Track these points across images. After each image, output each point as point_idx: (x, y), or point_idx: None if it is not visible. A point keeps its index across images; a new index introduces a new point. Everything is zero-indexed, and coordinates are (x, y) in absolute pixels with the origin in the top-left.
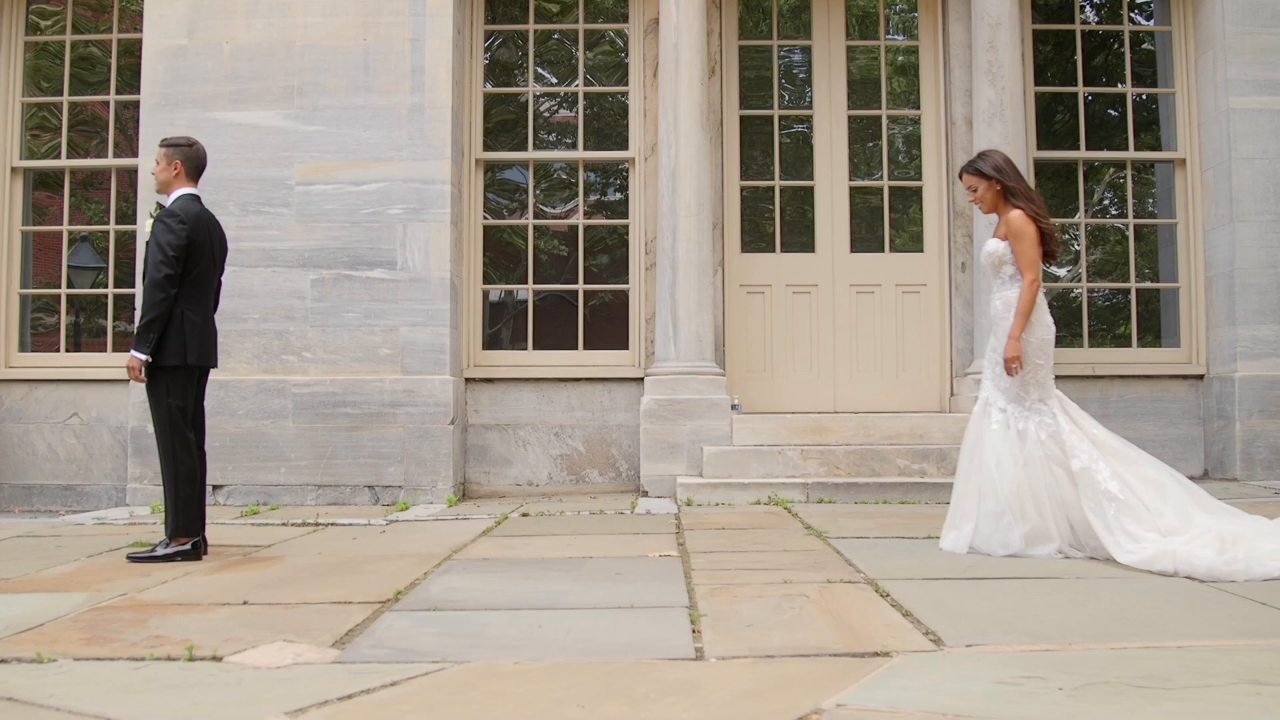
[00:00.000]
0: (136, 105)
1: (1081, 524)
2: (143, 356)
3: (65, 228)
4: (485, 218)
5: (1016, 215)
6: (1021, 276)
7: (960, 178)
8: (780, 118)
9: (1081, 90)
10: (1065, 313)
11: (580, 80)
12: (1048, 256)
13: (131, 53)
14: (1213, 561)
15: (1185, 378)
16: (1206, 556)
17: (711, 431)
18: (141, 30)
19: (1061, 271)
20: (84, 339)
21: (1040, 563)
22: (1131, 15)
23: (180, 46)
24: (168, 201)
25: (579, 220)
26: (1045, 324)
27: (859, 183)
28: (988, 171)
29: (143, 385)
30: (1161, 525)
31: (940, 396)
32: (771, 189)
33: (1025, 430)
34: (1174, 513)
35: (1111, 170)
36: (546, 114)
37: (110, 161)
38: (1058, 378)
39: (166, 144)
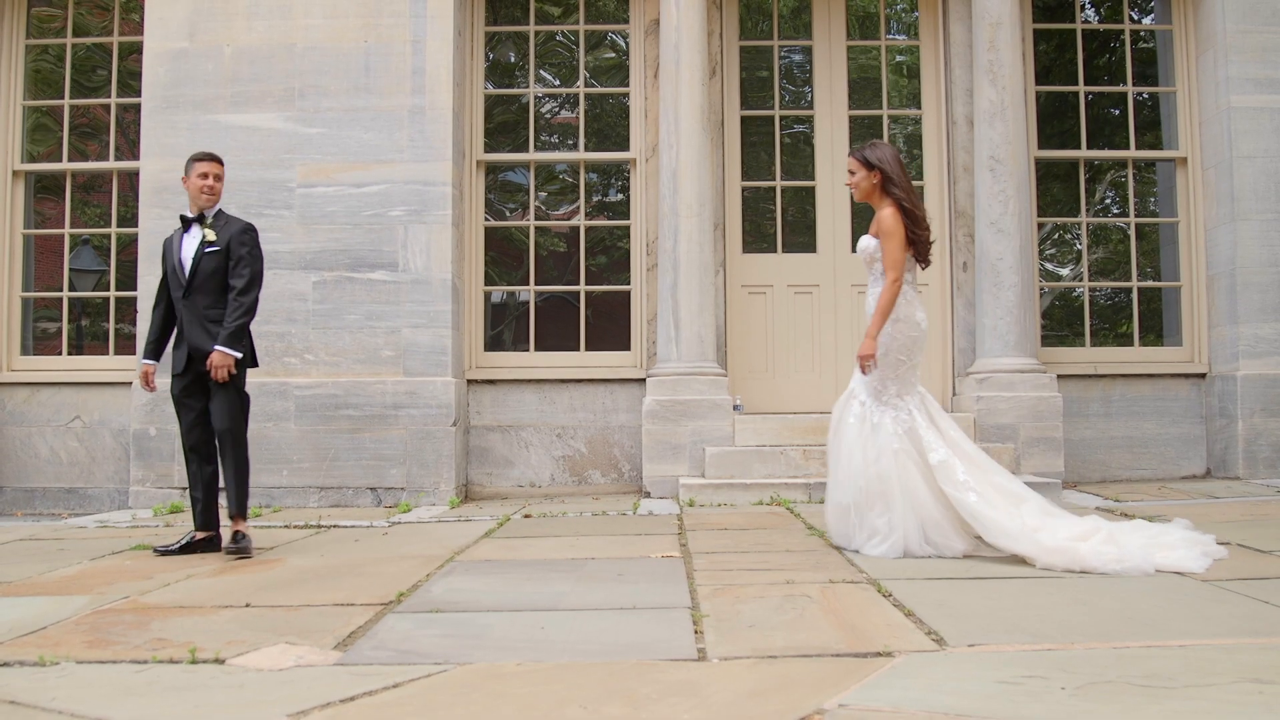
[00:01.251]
0: (137, 108)
1: (931, 522)
2: (237, 354)
3: (67, 231)
4: (487, 219)
5: (888, 214)
6: (886, 274)
7: (848, 157)
8: (781, 118)
9: (1082, 89)
10: (1067, 312)
11: (581, 81)
12: (919, 259)
13: (133, 55)
14: (1106, 556)
15: (1187, 377)
16: (1108, 552)
17: (713, 432)
18: (142, 33)
19: (1064, 271)
20: (86, 342)
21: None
22: (1132, 14)
23: (181, 49)
24: (211, 212)
25: (580, 221)
26: (914, 322)
27: None
28: (871, 160)
29: (152, 384)
30: (1028, 524)
31: (942, 396)
32: (773, 189)
33: (880, 424)
34: (1033, 518)
35: (1113, 169)
36: (548, 115)
37: (111, 164)
38: (1060, 377)
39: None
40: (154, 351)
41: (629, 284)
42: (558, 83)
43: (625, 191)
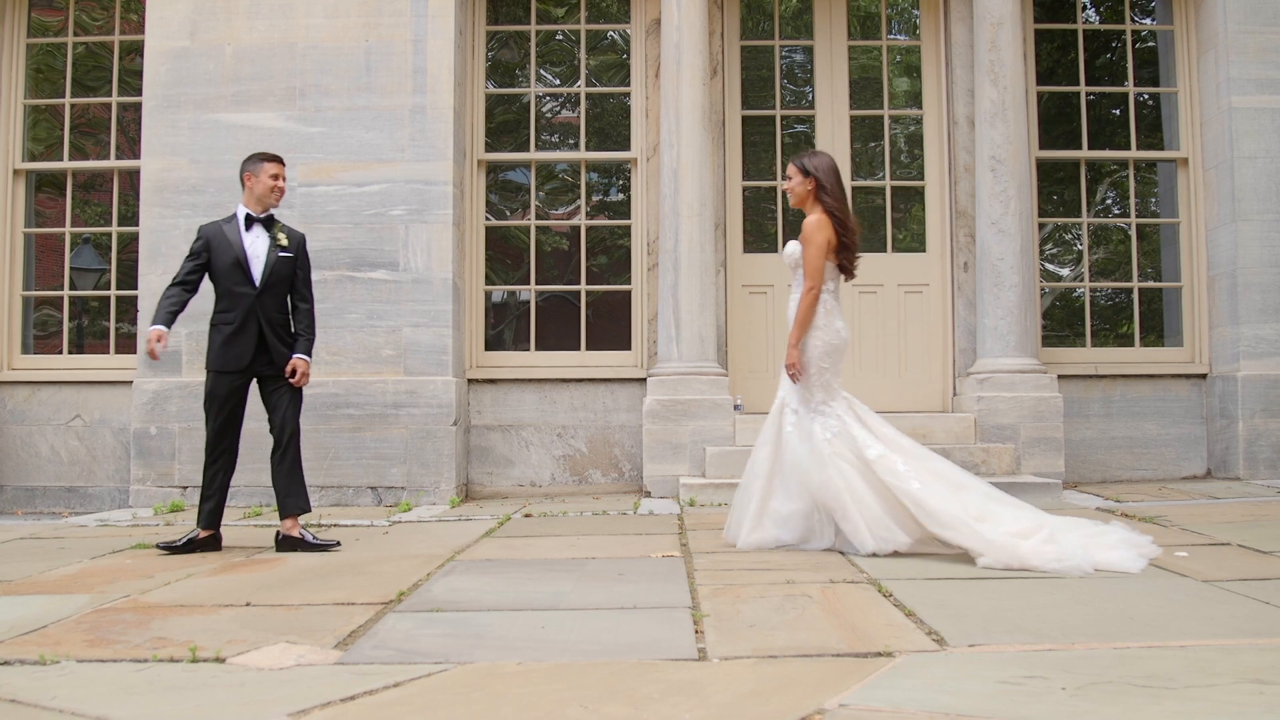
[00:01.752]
0: (138, 107)
1: (873, 518)
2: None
3: (67, 229)
4: (487, 218)
5: (810, 221)
6: (807, 279)
7: (789, 164)
8: (782, 118)
9: (1084, 90)
10: (1068, 312)
11: (582, 81)
12: (844, 269)
13: (133, 54)
14: (1045, 554)
15: (1188, 377)
16: (1048, 551)
17: (714, 432)
18: (143, 32)
19: (1064, 271)
20: (86, 341)
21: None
22: (1133, 14)
23: (182, 48)
24: (263, 216)
25: (581, 221)
26: (834, 329)
27: (861, 183)
28: (809, 168)
29: (164, 345)
30: (970, 514)
31: (943, 396)
32: (773, 189)
33: (811, 431)
34: (975, 504)
35: (1114, 170)
36: (549, 115)
37: (112, 163)
38: (1061, 377)
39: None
40: (169, 319)
41: (630, 283)
42: (559, 82)
43: (626, 191)
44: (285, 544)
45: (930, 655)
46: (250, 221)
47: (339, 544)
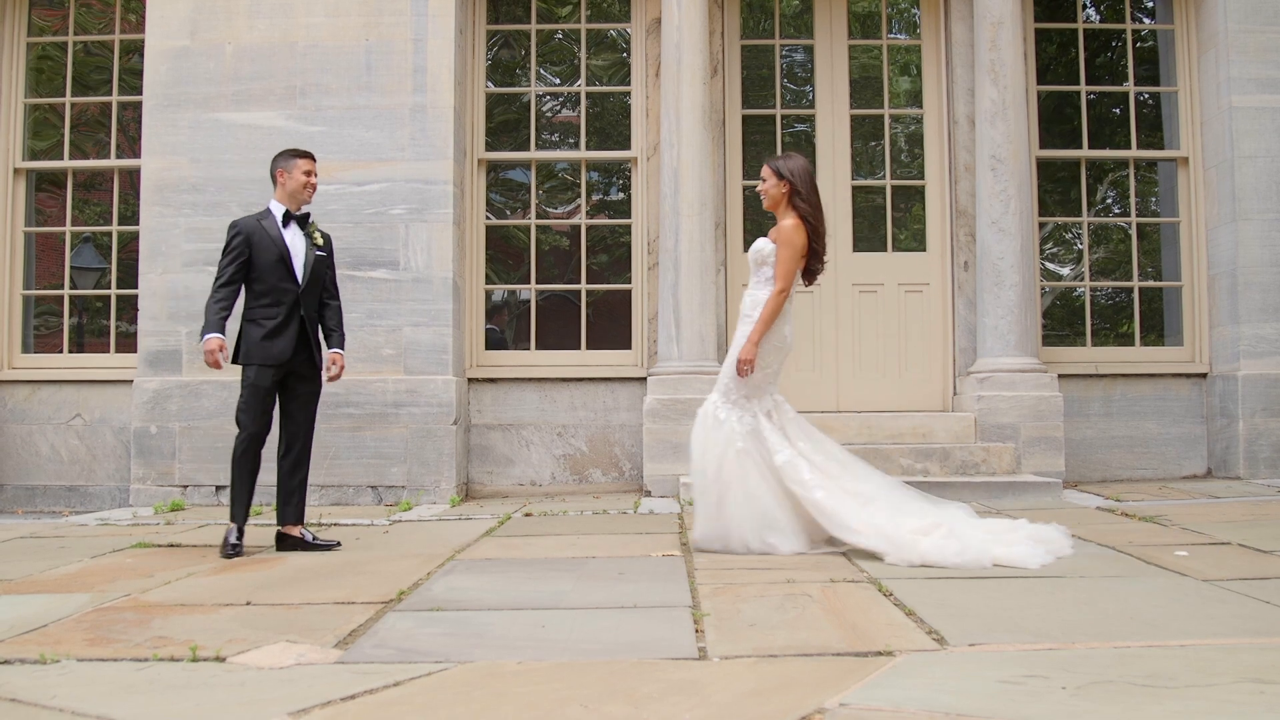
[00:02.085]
0: (138, 106)
1: (768, 521)
2: None
3: (68, 228)
4: (488, 218)
5: (790, 224)
6: (775, 282)
7: (763, 166)
8: (782, 117)
9: (1084, 89)
10: (1068, 311)
11: (582, 80)
12: (808, 274)
13: (133, 54)
14: (948, 551)
15: (1188, 376)
16: (949, 546)
17: None
18: (143, 31)
19: (1065, 270)
20: (87, 340)
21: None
22: (1133, 14)
23: (182, 47)
24: (300, 214)
25: (581, 220)
26: (781, 335)
27: (861, 182)
28: (783, 171)
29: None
30: (875, 521)
31: (943, 395)
32: None
33: (725, 422)
34: (880, 514)
35: (1114, 169)
36: (549, 114)
37: (113, 162)
38: (1061, 377)
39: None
40: (223, 325)
41: (630, 283)
42: (559, 81)
43: (626, 190)
44: (286, 543)
45: (931, 655)
46: (287, 218)
47: (339, 544)
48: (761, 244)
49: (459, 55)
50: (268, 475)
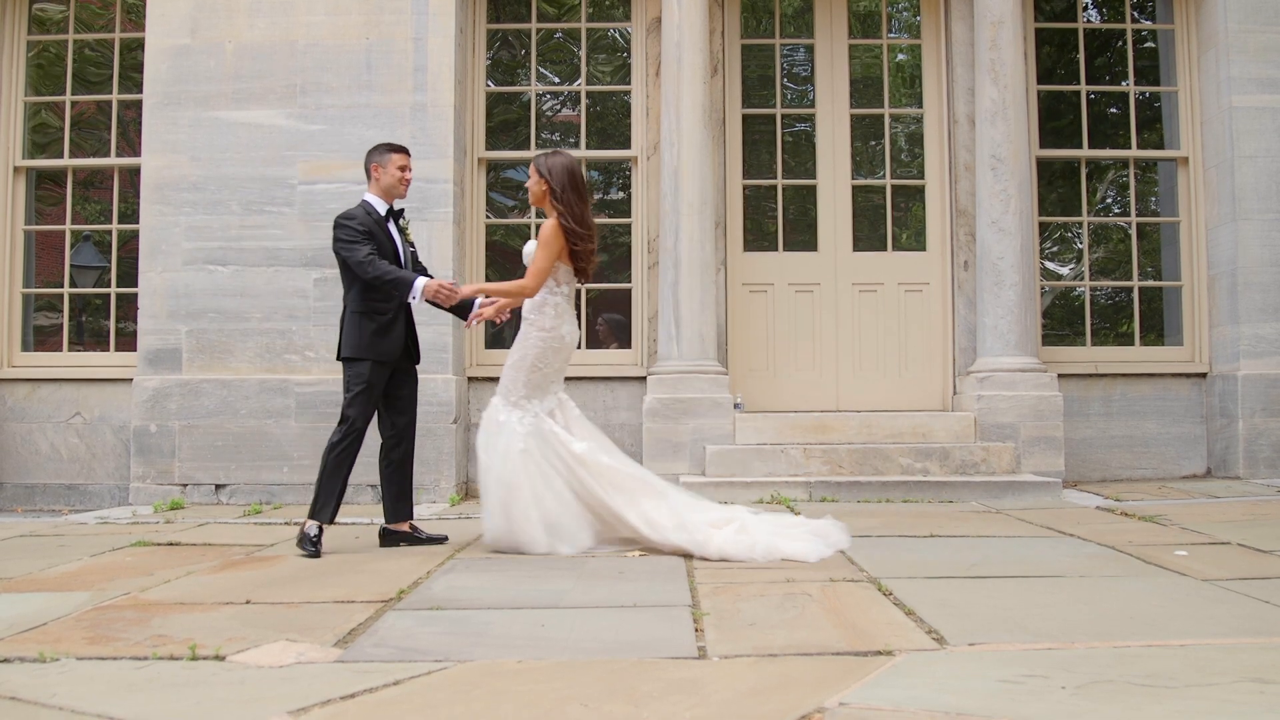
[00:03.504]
0: (138, 104)
1: (551, 519)
2: None
3: (68, 227)
4: (488, 217)
5: (549, 225)
6: (526, 276)
7: (531, 162)
8: (783, 116)
9: (1084, 89)
10: (1068, 311)
11: (583, 79)
12: (578, 273)
13: (134, 52)
14: (736, 544)
15: (1188, 376)
16: (741, 540)
17: (714, 430)
18: (144, 29)
19: (1064, 270)
20: (86, 338)
21: (1044, 562)
22: (1133, 14)
23: (183, 45)
24: (397, 209)
25: None
26: (558, 335)
27: (861, 181)
28: (542, 169)
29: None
30: (675, 515)
31: (943, 395)
32: (774, 188)
33: (506, 423)
34: (673, 509)
35: (1114, 169)
36: (549, 113)
37: (113, 161)
38: (1061, 376)
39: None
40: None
41: (630, 282)
42: (559, 80)
43: (626, 189)
44: (390, 539)
45: (930, 654)
46: (388, 214)
47: (447, 538)
48: (529, 245)
49: (459, 54)
50: (270, 475)
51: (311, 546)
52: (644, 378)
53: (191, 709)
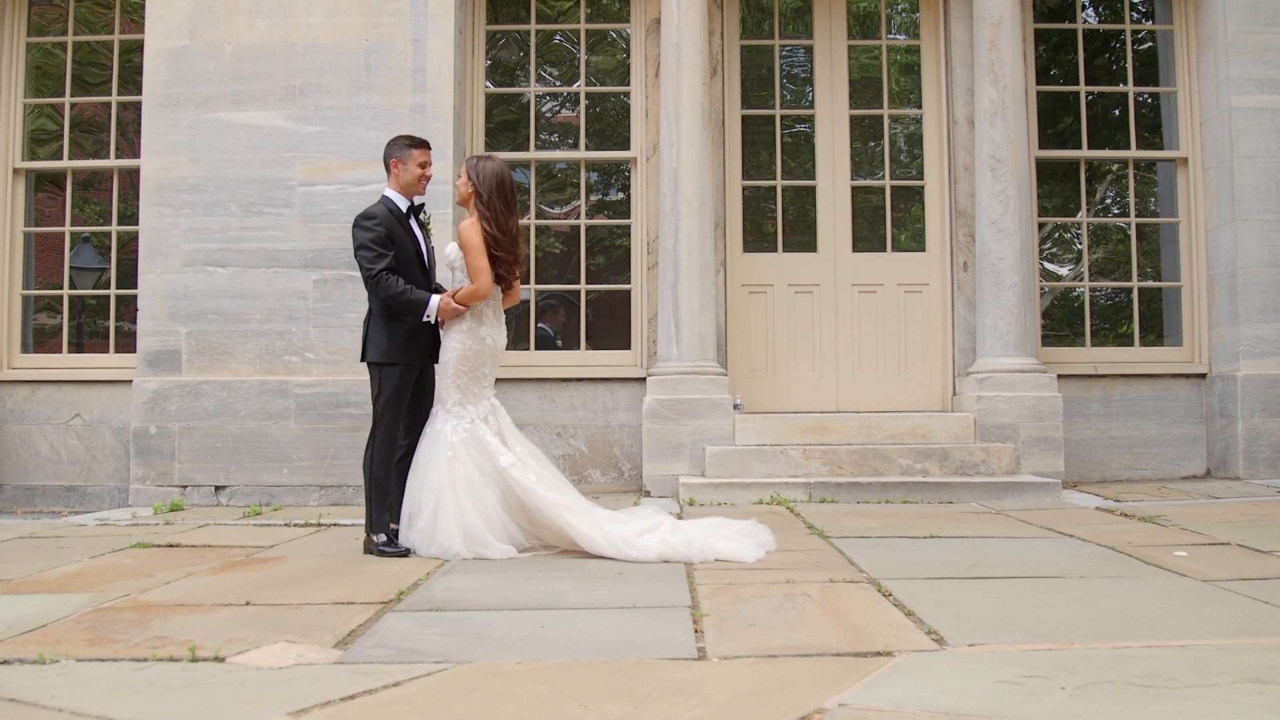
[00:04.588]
0: (138, 106)
1: (475, 528)
2: None
3: (67, 228)
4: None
5: (465, 226)
6: (472, 281)
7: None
8: (782, 117)
9: (1083, 89)
10: (1067, 312)
11: (582, 80)
12: (499, 280)
13: (134, 53)
14: (676, 545)
15: (1188, 377)
16: (675, 540)
17: (714, 431)
18: (143, 30)
19: (1064, 271)
20: (86, 340)
21: (1044, 562)
22: (1133, 14)
23: (182, 47)
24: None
25: (581, 220)
26: (477, 336)
27: (861, 182)
28: (472, 173)
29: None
30: (606, 523)
31: (943, 396)
32: (773, 188)
33: (440, 431)
34: (601, 517)
35: (1113, 169)
36: (548, 114)
37: (112, 162)
38: (1061, 377)
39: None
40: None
41: (629, 283)
42: (558, 82)
43: (626, 190)
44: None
45: (930, 655)
46: (409, 210)
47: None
48: (451, 247)
49: (458, 55)
50: (270, 476)
51: (393, 547)
52: (644, 379)
53: (191, 710)
